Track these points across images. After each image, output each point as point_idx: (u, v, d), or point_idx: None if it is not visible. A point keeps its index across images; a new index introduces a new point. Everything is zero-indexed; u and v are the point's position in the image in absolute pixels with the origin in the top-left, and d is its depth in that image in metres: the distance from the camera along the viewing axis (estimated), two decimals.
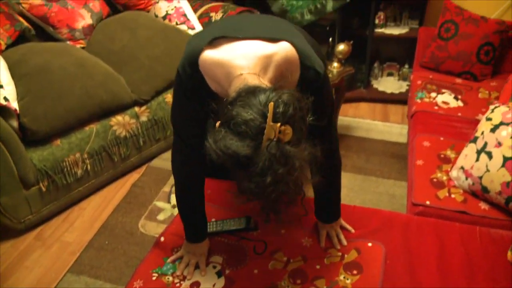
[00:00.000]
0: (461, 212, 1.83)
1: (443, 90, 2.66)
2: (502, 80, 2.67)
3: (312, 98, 1.09)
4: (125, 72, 2.73)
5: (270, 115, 0.98)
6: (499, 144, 1.78)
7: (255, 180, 1.01)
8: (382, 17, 3.37)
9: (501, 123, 1.82)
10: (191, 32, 3.08)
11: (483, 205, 1.85)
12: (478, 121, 2.21)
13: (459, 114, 2.46)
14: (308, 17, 3.20)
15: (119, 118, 2.64)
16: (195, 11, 3.25)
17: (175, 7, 3.15)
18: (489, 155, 1.80)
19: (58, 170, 2.41)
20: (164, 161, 2.91)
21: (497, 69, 2.82)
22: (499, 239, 1.65)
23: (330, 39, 3.33)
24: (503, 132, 1.79)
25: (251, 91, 1.04)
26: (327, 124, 1.39)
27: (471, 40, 2.71)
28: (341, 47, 2.79)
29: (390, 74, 3.70)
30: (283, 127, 0.99)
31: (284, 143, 1.00)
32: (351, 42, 2.85)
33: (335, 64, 2.81)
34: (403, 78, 3.64)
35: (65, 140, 2.44)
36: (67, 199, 2.53)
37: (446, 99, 2.58)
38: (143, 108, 2.74)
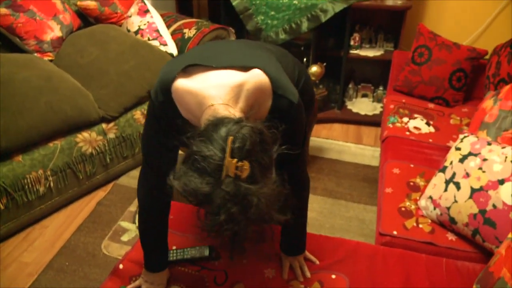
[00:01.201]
0: (428, 243, 1.80)
1: (415, 115, 2.66)
2: (473, 107, 2.68)
3: (283, 126, 1.07)
4: (93, 87, 2.66)
5: (228, 150, 0.96)
6: (467, 175, 1.76)
7: (211, 217, 0.99)
8: (357, 38, 3.37)
9: (470, 154, 1.81)
10: (163, 48, 3.03)
11: (451, 236, 1.83)
12: (448, 148, 2.20)
13: (430, 140, 2.45)
14: (283, 36, 3.17)
15: (85, 134, 2.57)
16: (168, 27, 3.20)
17: (148, 22, 3.09)
18: (457, 186, 1.78)
19: (19, 187, 2.32)
20: (132, 179, 2.83)
21: (468, 95, 2.84)
22: (465, 272, 1.64)
23: (305, 59, 3.31)
24: (471, 163, 1.77)
25: (216, 124, 1.02)
26: (296, 154, 1.35)
27: (444, 65, 2.72)
28: (314, 68, 2.78)
29: (364, 95, 3.69)
30: (240, 163, 0.96)
31: (241, 180, 0.97)
32: (324, 64, 2.84)
33: None
34: (378, 99, 3.64)
35: (27, 156, 2.36)
36: (28, 217, 2.43)
37: (418, 124, 2.58)
38: (111, 124, 2.67)
